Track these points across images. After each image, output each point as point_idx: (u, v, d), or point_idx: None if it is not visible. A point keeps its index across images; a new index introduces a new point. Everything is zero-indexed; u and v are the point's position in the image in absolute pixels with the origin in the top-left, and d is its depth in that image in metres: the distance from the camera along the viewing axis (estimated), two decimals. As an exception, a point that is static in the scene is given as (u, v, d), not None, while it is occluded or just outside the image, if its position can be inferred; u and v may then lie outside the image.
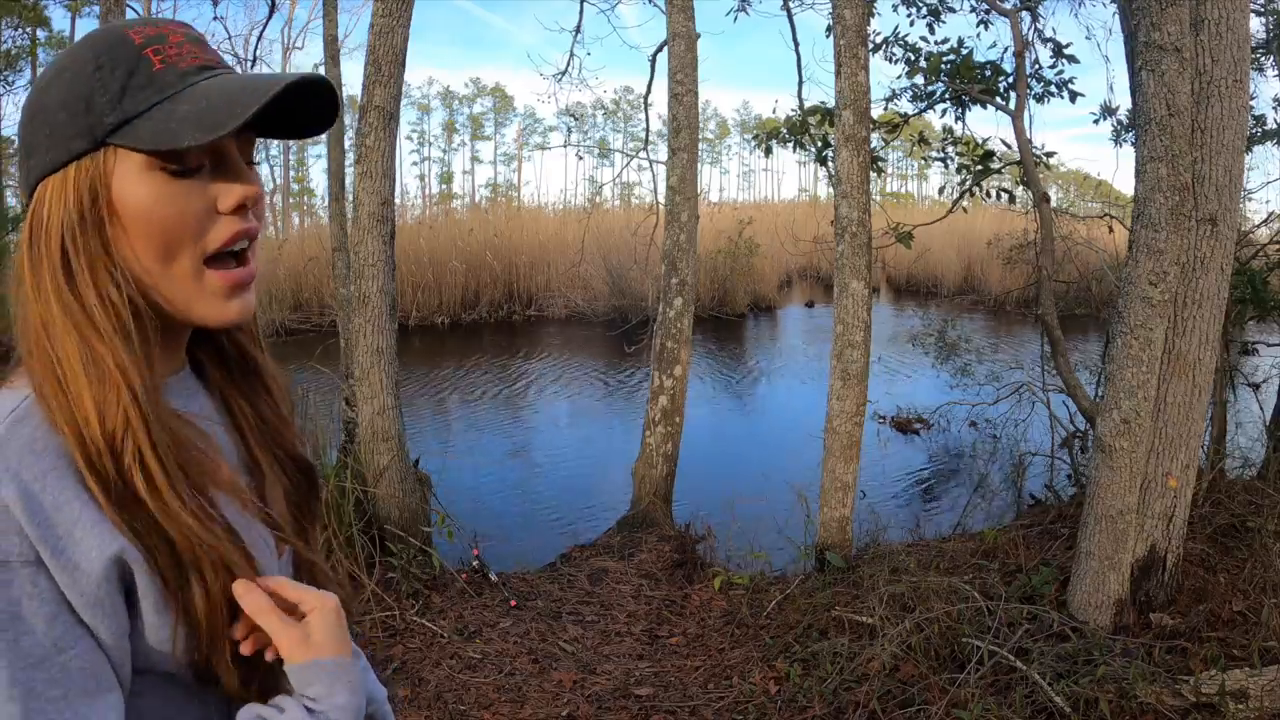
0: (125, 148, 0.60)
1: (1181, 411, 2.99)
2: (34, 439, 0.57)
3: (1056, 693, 2.43)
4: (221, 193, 0.63)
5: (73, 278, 0.60)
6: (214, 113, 0.59)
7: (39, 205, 0.62)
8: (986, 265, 15.12)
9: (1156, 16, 2.65)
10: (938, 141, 5.87)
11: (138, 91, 0.60)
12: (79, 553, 0.55)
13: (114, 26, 0.63)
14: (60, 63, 0.62)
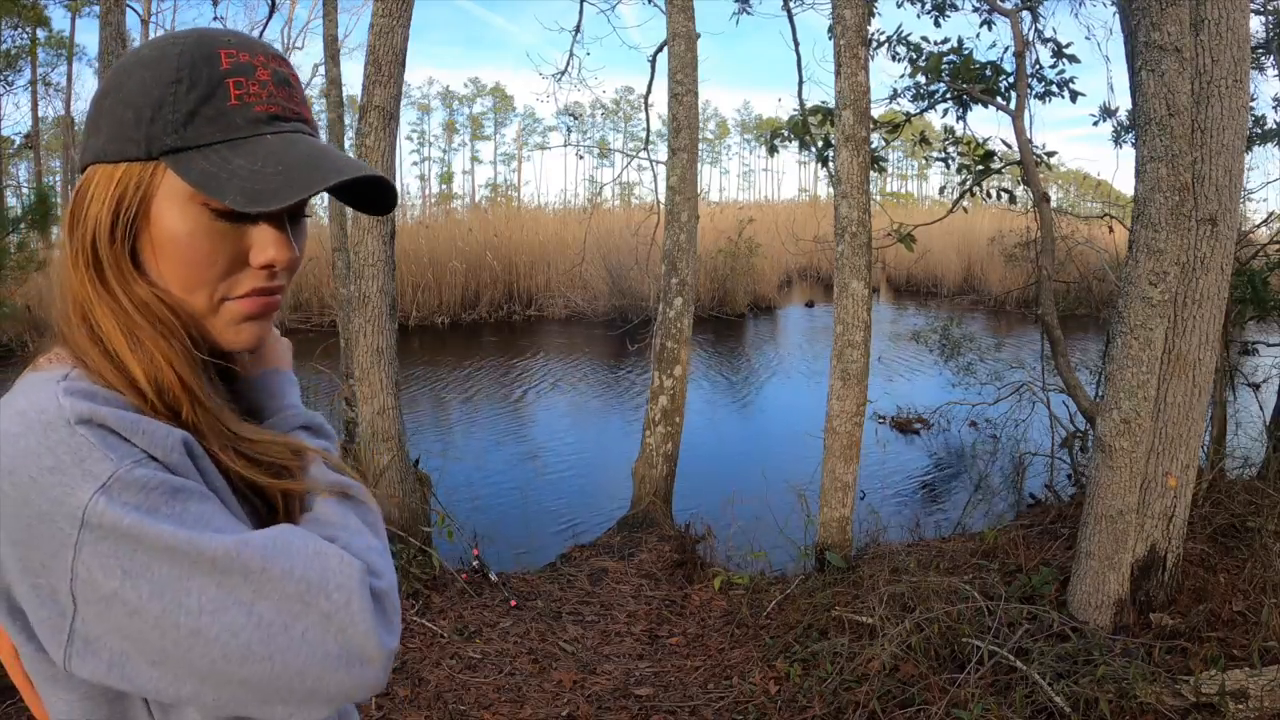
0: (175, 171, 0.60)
1: (1181, 411, 2.99)
2: (93, 391, 0.58)
3: (1056, 693, 2.43)
4: (257, 246, 0.63)
5: (103, 273, 0.61)
6: (264, 182, 0.59)
7: (84, 188, 0.62)
8: (986, 265, 15.13)
9: (1156, 16, 2.65)
10: (939, 141, 5.88)
11: (204, 124, 0.60)
12: (164, 439, 0.57)
13: (210, 39, 0.62)
14: (148, 54, 0.62)
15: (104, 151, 0.61)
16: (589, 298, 13.23)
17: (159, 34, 0.65)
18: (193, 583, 0.52)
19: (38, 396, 0.56)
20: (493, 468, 6.42)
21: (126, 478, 0.52)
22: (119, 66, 0.63)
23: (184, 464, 0.57)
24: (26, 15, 14.82)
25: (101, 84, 0.63)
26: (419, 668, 3.05)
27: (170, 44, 0.62)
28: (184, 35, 0.63)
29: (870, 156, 3.99)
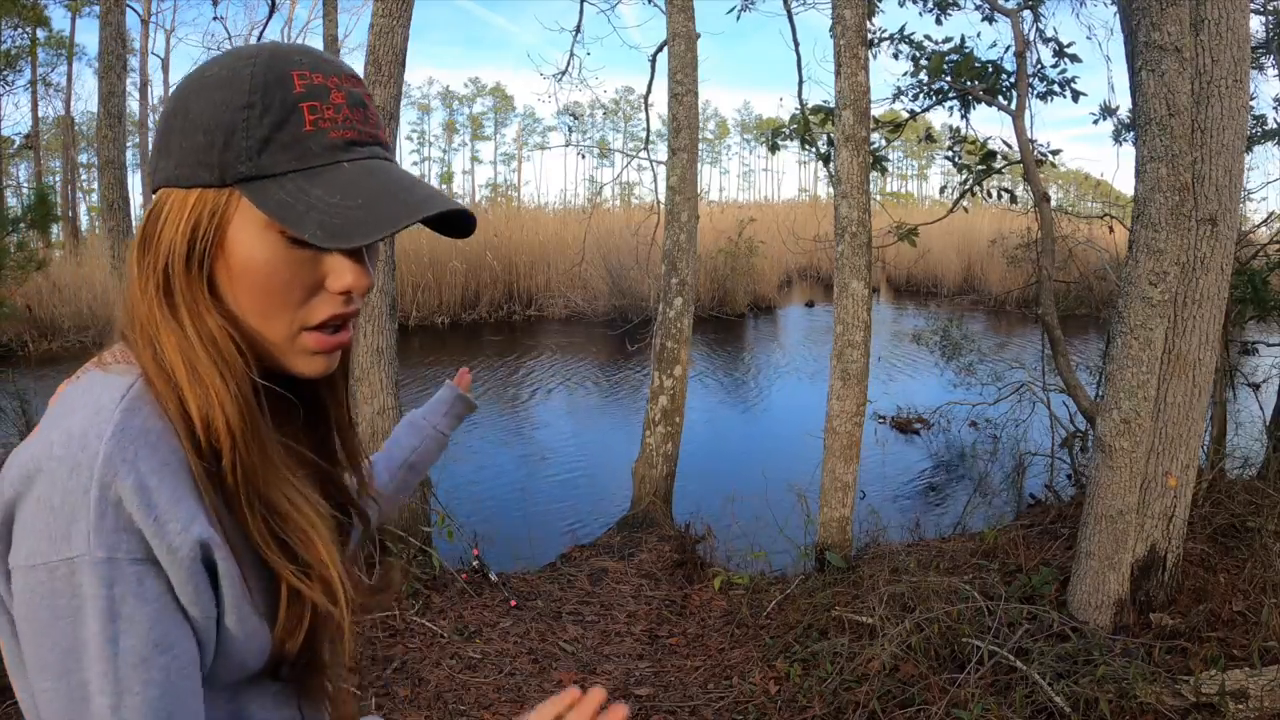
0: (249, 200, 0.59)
1: (1181, 411, 2.99)
2: (147, 429, 0.57)
3: (1056, 693, 2.43)
4: (333, 273, 0.62)
5: (173, 299, 0.61)
6: (345, 216, 0.58)
7: (157, 211, 0.61)
8: (986, 265, 15.13)
9: (1156, 16, 2.65)
10: (942, 140, 5.88)
11: (279, 151, 0.59)
12: (176, 536, 0.55)
13: (282, 59, 0.60)
14: (218, 74, 0.60)
15: (176, 176, 0.60)
16: (589, 298, 13.24)
17: (225, 49, 0.63)
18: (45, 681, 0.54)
19: (92, 421, 0.56)
20: (493, 468, 6.42)
21: (89, 563, 0.53)
22: (187, 85, 0.61)
23: (184, 567, 0.56)
24: (26, 15, 14.82)
25: (170, 102, 0.62)
26: (419, 668, 3.05)
27: (241, 63, 0.60)
28: (254, 53, 0.61)
29: (871, 156, 3.99)
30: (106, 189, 4.67)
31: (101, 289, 10.82)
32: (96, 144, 4.89)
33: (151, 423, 0.57)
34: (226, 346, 0.61)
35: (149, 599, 0.54)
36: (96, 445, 0.54)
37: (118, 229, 4.65)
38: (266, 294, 0.61)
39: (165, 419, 0.59)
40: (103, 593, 0.52)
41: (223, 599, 0.59)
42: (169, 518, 0.55)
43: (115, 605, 0.53)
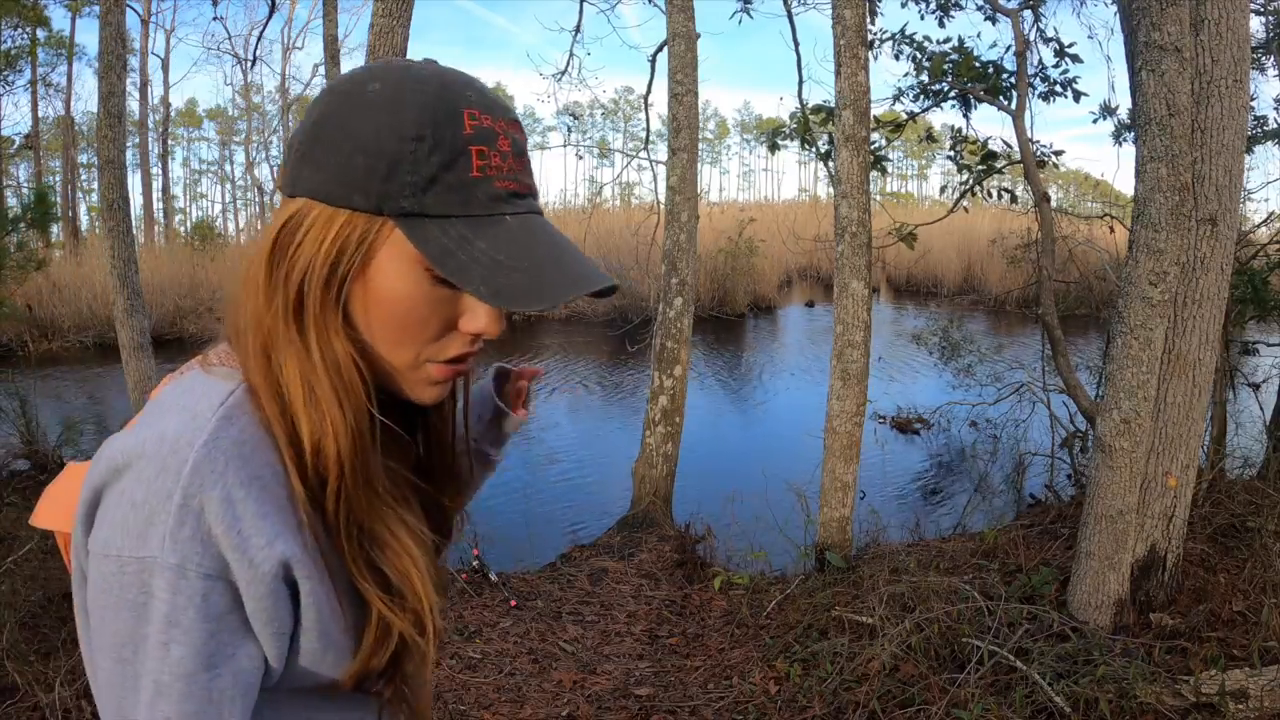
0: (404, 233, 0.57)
1: (1181, 411, 2.99)
2: (242, 440, 0.56)
3: (1056, 693, 2.43)
4: (469, 314, 0.61)
5: (302, 319, 0.59)
6: (510, 277, 0.56)
7: (295, 222, 0.58)
8: (986, 265, 15.13)
9: (1156, 16, 2.65)
10: (943, 140, 5.89)
11: (445, 193, 0.57)
12: (259, 552, 0.55)
13: (454, 93, 0.58)
14: (384, 94, 0.57)
15: (324, 192, 0.57)
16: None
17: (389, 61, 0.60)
18: (103, 660, 0.55)
19: (187, 426, 0.55)
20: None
21: (159, 566, 0.53)
22: (344, 97, 0.58)
23: (265, 583, 0.55)
24: (26, 15, 14.82)
25: (319, 108, 0.59)
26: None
27: (409, 87, 0.57)
28: (423, 79, 0.58)
29: (871, 156, 3.99)
30: (106, 189, 4.66)
31: (101, 289, 10.81)
32: (96, 144, 4.89)
33: (247, 434, 0.57)
34: (350, 375, 0.59)
35: (209, 616, 0.54)
36: (187, 452, 0.54)
37: (118, 229, 4.64)
38: (402, 326, 0.60)
39: (263, 430, 0.58)
40: (166, 598, 0.53)
41: (302, 616, 0.58)
42: (252, 533, 0.54)
43: (175, 613, 0.53)
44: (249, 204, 30.00)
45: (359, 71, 0.60)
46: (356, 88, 0.58)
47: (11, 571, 3.25)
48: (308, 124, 0.59)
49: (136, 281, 4.63)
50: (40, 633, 2.98)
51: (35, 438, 5.56)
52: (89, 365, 10.06)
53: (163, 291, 11.68)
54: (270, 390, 0.58)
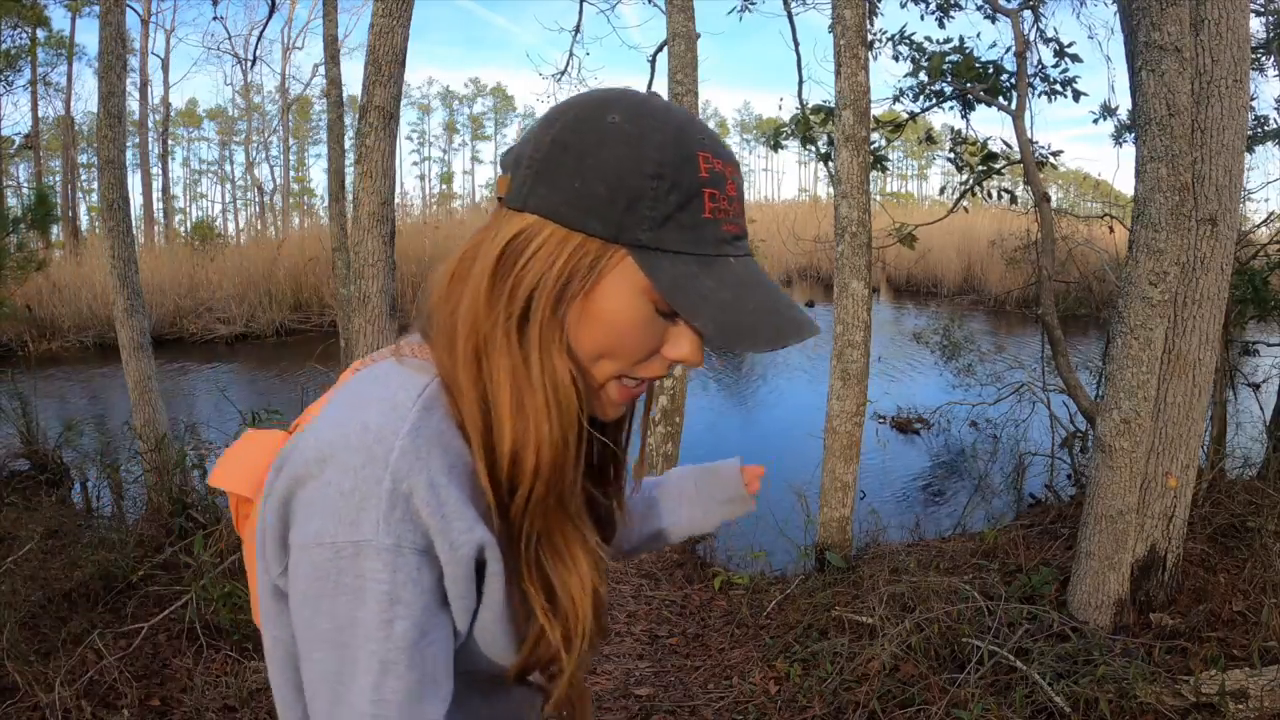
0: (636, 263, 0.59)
1: (1181, 411, 2.99)
2: (442, 431, 0.59)
3: (1056, 693, 2.43)
4: (673, 341, 0.64)
5: (525, 332, 0.60)
6: (737, 317, 0.59)
7: (527, 237, 0.60)
8: (986, 265, 15.13)
9: (1156, 16, 2.65)
10: (944, 140, 5.89)
11: (677, 230, 0.59)
12: (460, 535, 0.58)
13: (690, 135, 0.60)
14: (623, 128, 0.59)
15: (562, 213, 0.59)
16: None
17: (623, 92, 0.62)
18: (316, 651, 0.57)
19: (389, 417, 0.57)
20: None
21: (375, 549, 0.55)
22: (585, 123, 0.60)
23: (462, 564, 0.58)
24: (26, 15, 14.82)
25: (558, 130, 0.60)
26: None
27: (649, 124, 0.60)
28: (663, 118, 0.60)
29: (871, 156, 3.99)
30: (106, 189, 4.66)
31: (101, 289, 10.82)
32: (96, 144, 4.89)
33: (444, 425, 0.59)
34: (568, 391, 0.61)
35: (424, 589, 0.57)
36: (392, 440, 0.56)
37: (118, 229, 4.64)
38: (615, 347, 0.62)
39: (455, 424, 0.60)
40: (385, 577, 0.55)
41: (485, 596, 0.61)
42: (455, 517, 0.57)
43: (396, 590, 0.55)
44: (249, 204, 29.99)
45: (594, 98, 0.62)
46: (595, 115, 0.60)
47: (11, 571, 3.25)
48: (543, 142, 0.61)
49: (136, 281, 4.64)
50: (40, 633, 2.98)
51: (35, 438, 5.56)
52: (89, 365, 10.06)
53: (163, 291, 11.68)
54: (474, 393, 0.61)
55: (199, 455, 4.50)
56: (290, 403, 5.81)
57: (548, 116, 0.63)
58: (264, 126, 28.35)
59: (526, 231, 0.60)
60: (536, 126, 0.63)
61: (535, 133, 0.62)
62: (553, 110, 0.63)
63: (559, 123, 0.61)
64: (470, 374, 0.61)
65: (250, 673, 2.83)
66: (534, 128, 0.63)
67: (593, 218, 0.59)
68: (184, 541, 3.59)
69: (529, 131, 0.63)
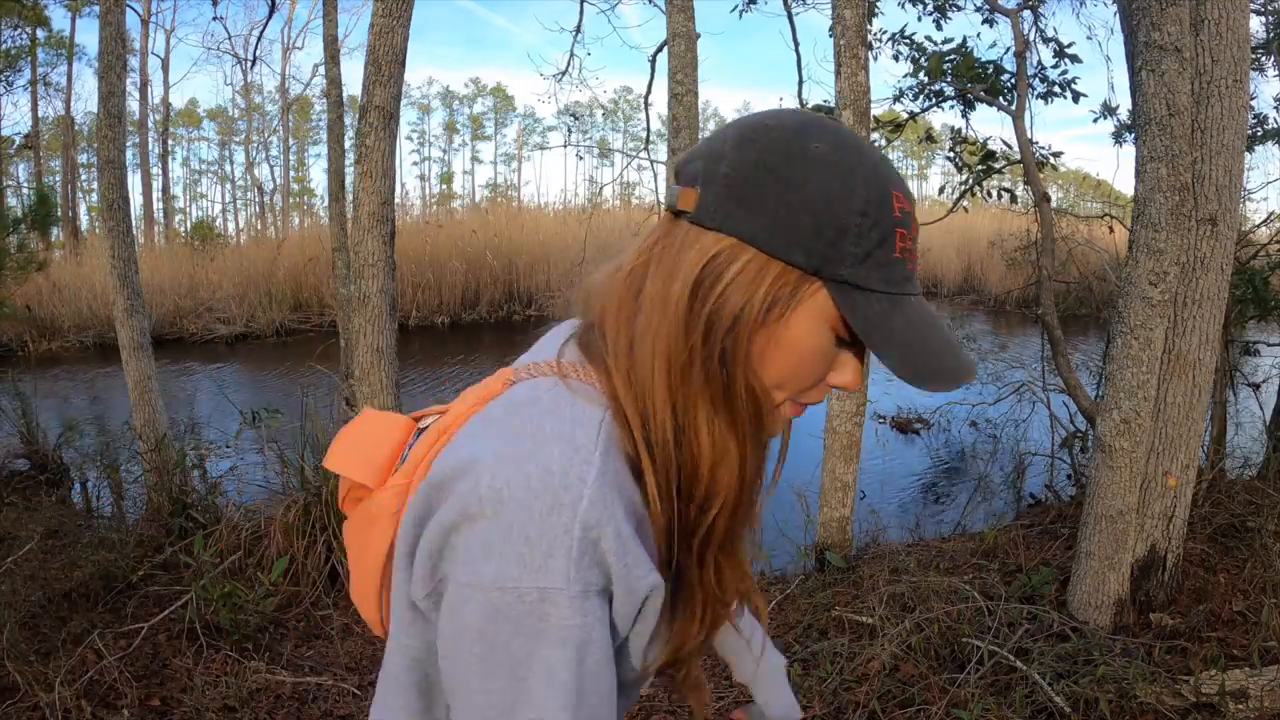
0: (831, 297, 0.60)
1: (1181, 411, 2.99)
2: (619, 471, 0.59)
3: (1056, 693, 2.43)
4: (840, 368, 0.65)
5: (723, 357, 0.61)
6: (922, 357, 0.61)
7: (723, 261, 0.60)
8: (986, 265, 15.14)
9: (1156, 16, 2.65)
10: (944, 140, 5.89)
11: (875, 268, 0.60)
12: (639, 581, 0.59)
13: (885, 173, 0.61)
14: (828, 158, 0.59)
15: (762, 240, 0.59)
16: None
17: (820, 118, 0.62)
18: (491, 683, 0.57)
19: (573, 461, 0.57)
20: (493, 468, 6.41)
21: (566, 596, 0.56)
22: (789, 146, 0.59)
23: (634, 604, 0.60)
24: (26, 15, 14.82)
25: (759, 152, 0.59)
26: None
27: (854, 157, 0.60)
28: (860, 153, 0.61)
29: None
30: (106, 189, 4.66)
31: (101, 289, 10.82)
32: (96, 144, 4.89)
33: (621, 466, 0.59)
34: (766, 412, 0.63)
35: (605, 625, 0.58)
36: (580, 489, 0.56)
37: (118, 229, 4.64)
38: (795, 373, 0.63)
39: (628, 460, 0.60)
40: (576, 622, 0.56)
41: (638, 623, 0.63)
42: (636, 564, 0.58)
43: (587, 632, 0.56)
44: (249, 204, 29.98)
45: (790, 121, 0.61)
46: (799, 141, 0.59)
47: (11, 571, 3.25)
48: (742, 163, 0.59)
49: (136, 281, 4.64)
50: (40, 633, 2.99)
51: (35, 438, 5.56)
52: (89, 365, 10.06)
53: (163, 291, 11.68)
54: (667, 418, 0.61)
55: (199, 455, 4.50)
56: (291, 403, 5.80)
57: (741, 135, 0.61)
58: (264, 126, 28.35)
59: (724, 255, 0.59)
60: (727, 144, 0.61)
61: (728, 150, 0.61)
62: (744, 129, 0.61)
63: (759, 144, 0.60)
64: (663, 398, 0.60)
65: (250, 673, 2.83)
66: (722, 145, 0.61)
67: (797, 249, 0.58)
68: (184, 541, 3.59)
69: (715, 147, 0.62)
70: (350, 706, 2.76)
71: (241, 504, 3.84)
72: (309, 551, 3.48)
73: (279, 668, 2.92)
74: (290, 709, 2.72)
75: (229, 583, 3.19)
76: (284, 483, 4.02)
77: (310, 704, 2.76)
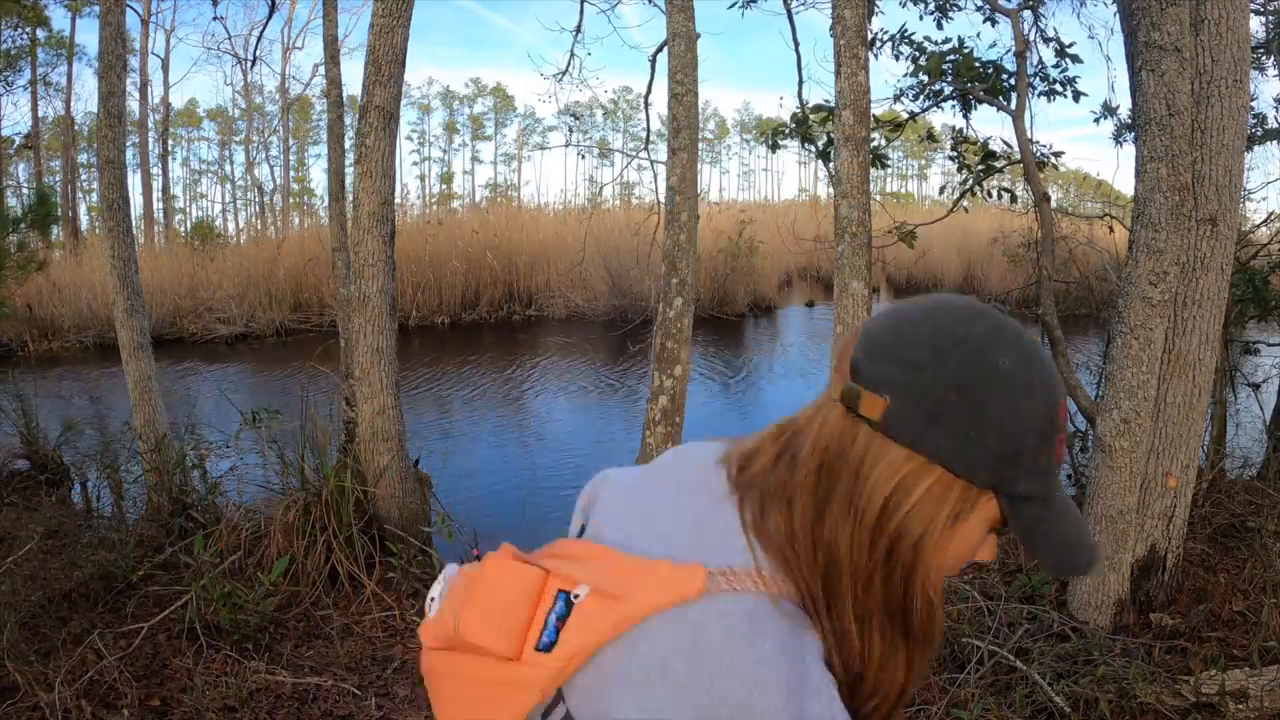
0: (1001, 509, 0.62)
1: (1181, 411, 2.99)
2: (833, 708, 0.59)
3: (1056, 693, 2.43)
4: (984, 549, 0.66)
5: (904, 572, 0.62)
6: (1066, 555, 0.63)
7: (914, 478, 0.60)
8: (986, 265, 15.13)
9: (1156, 16, 2.64)
10: (944, 140, 5.89)
11: (1040, 478, 0.61)
12: None
13: (1056, 384, 0.62)
14: (1016, 376, 0.60)
15: (951, 461, 0.59)
16: (589, 298, 13.23)
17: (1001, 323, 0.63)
18: None
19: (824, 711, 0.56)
20: (493, 468, 6.43)
21: None
22: (980, 362, 0.59)
23: None
24: (26, 15, 14.83)
25: (952, 367, 0.59)
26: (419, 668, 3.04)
27: (1036, 375, 0.61)
28: (1040, 368, 0.61)
29: (871, 156, 3.99)
30: (106, 189, 4.66)
31: (101, 289, 10.82)
32: (96, 144, 4.89)
33: None
34: (938, 620, 0.66)
35: None
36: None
37: (118, 229, 4.64)
38: (954, 566, 0.65)
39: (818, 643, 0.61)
40: None
41: None
42: None
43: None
44: (249, 204, 29.98)
45: (980, 334, 0.61)
46: (989, 359, 0.60)
47: (11, 571, 3.25)
48: (936, 383, 0.59)
49: (136, 281, 4.64)
50: (40, 633, 2.98)
51: (35, 438, 5.56)
52: (89, 365, 10.06)
53: (163, 291, 11.68)
54: (848, 624, 0.62)
55: (199, 455, 4.50)
56: (291, 403, 5.81)
57: (934, 343, 0.60)
58: (264, 126, 28.35)
59: (914, 473, 0.60)
60: (922, 353, 0.60)
61: (923, 362, 0.60)
62: (939, 336, 0.61)
63: (952, 359, 0.59)
64: (847, 610, 0.62)
65: (250, 673, 2.83)
66: (916, 352, 0.60)
67: (981, 470, 0.59)
68: (184, 541, 3.59)
69: (906, 353, 0.61)
70: (350, 706, 2.76)
71: (241, 504, 3.84)
72: (309, 551, 3.48)
73: (279, 668, 2.92)
74: (290, 709, 2.72)
75: (229, 583, 3.19)
76: (284, 483, 4.02)
77: (310, 704, 2.76)
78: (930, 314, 0.62)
